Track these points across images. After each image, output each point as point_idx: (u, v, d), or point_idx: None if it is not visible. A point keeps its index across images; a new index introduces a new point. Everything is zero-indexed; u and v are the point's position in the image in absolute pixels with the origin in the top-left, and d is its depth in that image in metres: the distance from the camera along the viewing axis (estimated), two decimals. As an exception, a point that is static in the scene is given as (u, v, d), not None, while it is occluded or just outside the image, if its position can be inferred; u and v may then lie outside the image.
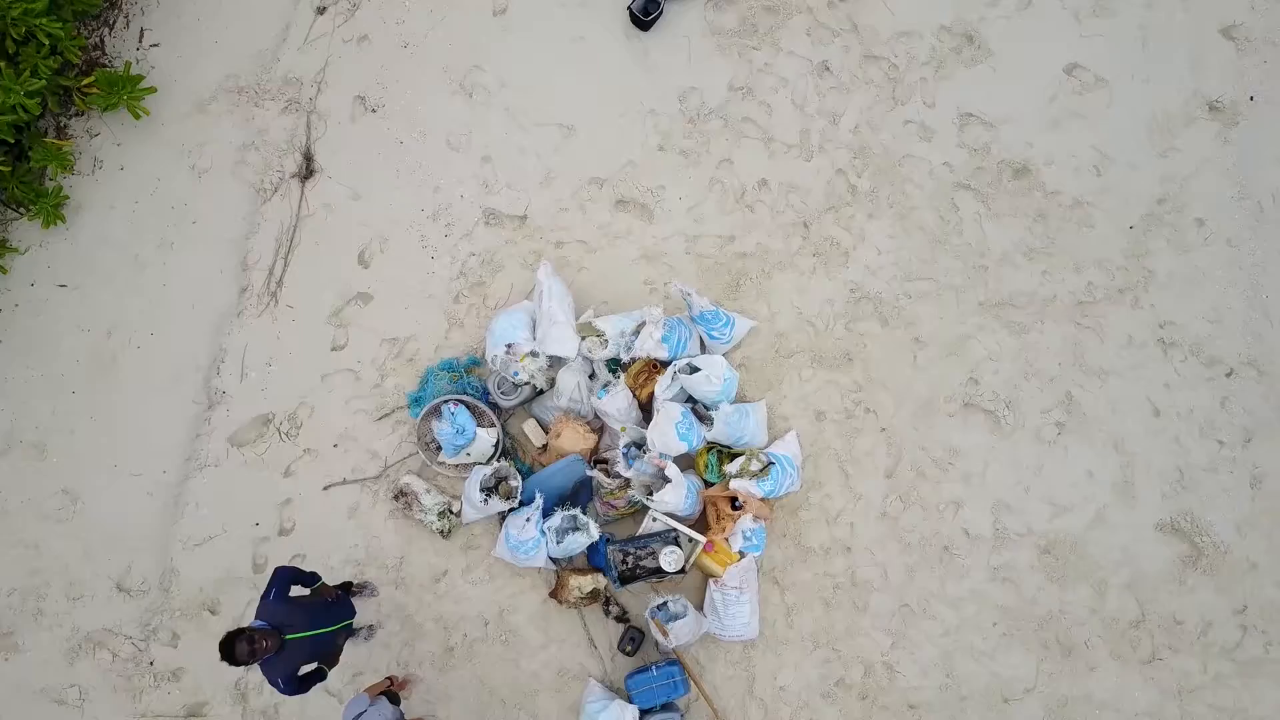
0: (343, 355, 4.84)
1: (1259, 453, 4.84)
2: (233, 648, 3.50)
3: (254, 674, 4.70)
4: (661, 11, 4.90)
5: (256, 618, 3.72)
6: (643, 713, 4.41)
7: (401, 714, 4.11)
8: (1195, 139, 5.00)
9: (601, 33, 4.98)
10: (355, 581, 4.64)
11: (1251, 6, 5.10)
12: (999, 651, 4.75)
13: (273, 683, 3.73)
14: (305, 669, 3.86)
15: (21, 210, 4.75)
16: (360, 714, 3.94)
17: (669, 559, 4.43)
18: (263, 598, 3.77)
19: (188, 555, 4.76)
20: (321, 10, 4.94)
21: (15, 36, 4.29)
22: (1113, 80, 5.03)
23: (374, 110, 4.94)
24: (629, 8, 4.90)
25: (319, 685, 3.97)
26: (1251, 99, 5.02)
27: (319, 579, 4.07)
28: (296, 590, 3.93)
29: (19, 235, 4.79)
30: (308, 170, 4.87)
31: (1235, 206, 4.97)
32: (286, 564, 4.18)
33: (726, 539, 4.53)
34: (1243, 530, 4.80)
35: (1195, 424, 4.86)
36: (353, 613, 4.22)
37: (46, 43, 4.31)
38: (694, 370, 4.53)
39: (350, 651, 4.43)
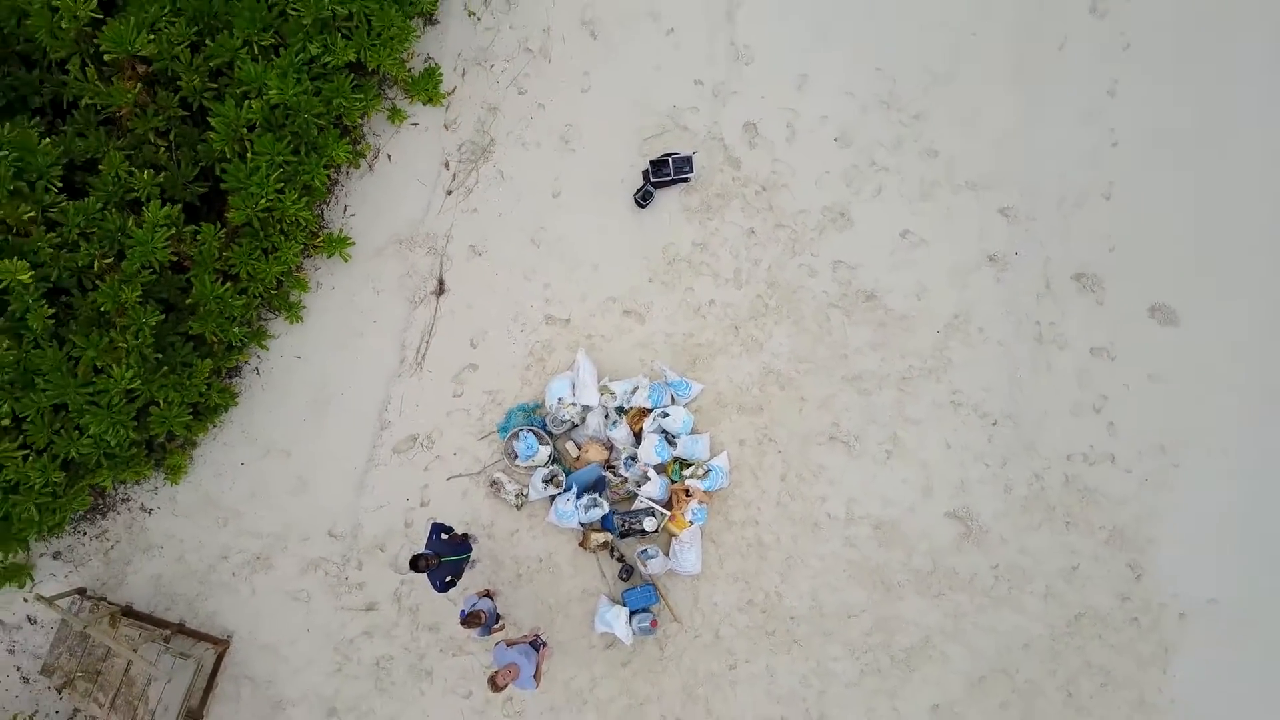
0: (459, 400, 8.16)
1: (1010, 471, 7.99)
2: (417, 563, 6.81)
3: (405, 585, 8.02)
4: (653, 197, 8.15)
5: (426, 547, 7.04)
6: (631, 612, 7.67)
7: (494, 606, 7.40)
8: (980, 278, 8.15)
9: (618, 209, 8.24)
10: (468, 533, 7.95)
11: (1020, 194, 8.22)
12: (846, 587, 7.94)
13: (432, 584, 7.03)
14: (448, 579, 7.17)
15: (276, 313, 8.13)
16: (474, 604, 7.24)
17: (649, 524, 7.70)
18: (428, 538, 7.09)
19: (368, 516, 8.11)
20: (449, 193, 8.26)
21: (279, 219, 7.62)
22: (930, 241, 8.19)
23: (480, 254, 8.25)
24: (634, 196, 8.16)
25: (452, 590, 7.28)
26: (1016, 254, 8.15)
27: (453, 529, 7.39)
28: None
29: (274, 327, 8.18)
30: (440, 289, 8.19)
31: (1003, 320, 8.10)
32: (437, 520, 7.49)
33: (683, 513, 7.77)
34: (997, 519, 7.95)
35: (971, 453, 8.01)
36: (469, 550, 7.54)
37: (304, 225, 7.67)
38: (666, 415, 7.79)
39: (465, 573, 7.72)
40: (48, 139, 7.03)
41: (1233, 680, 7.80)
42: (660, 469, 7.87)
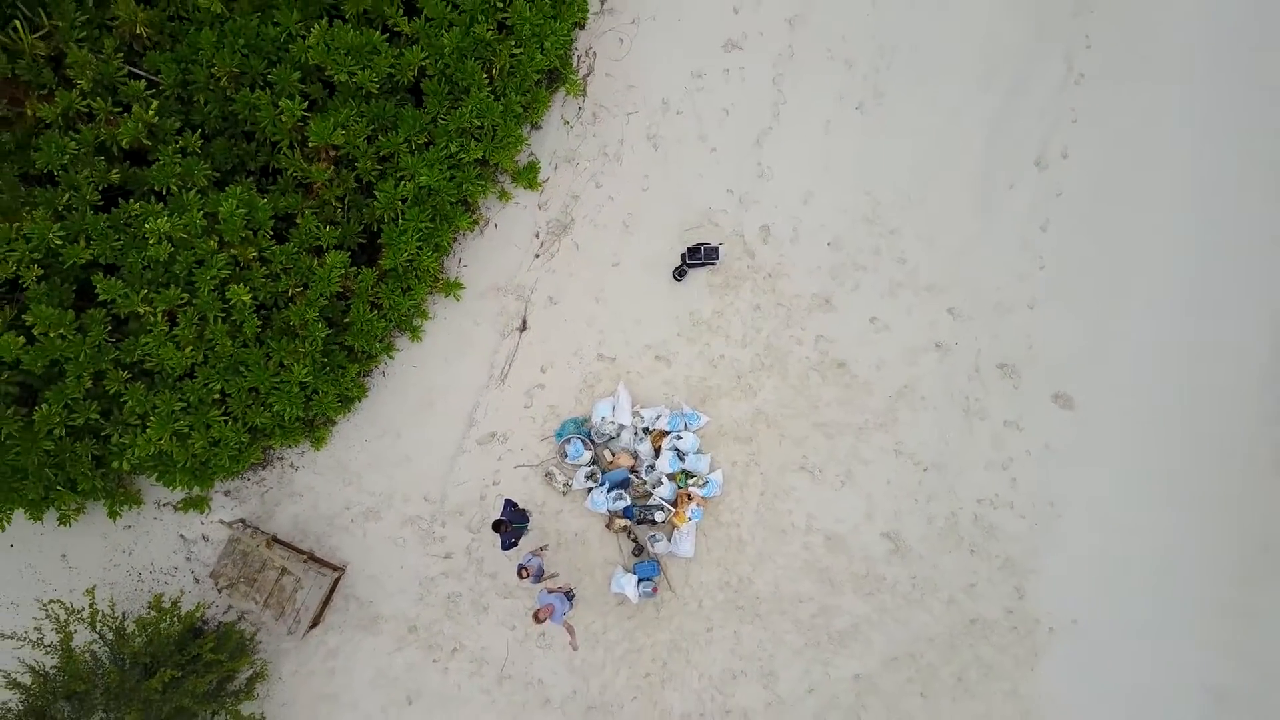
0: (528, 410, 10.99)
1: (933, 507, 10.64)
2: (498, 526, 9.66)
3: (474, 542, 10.86)
4: (687, 275, 10.93)
5: (502, 514, 9.89)
6: (639, 580, 10.45)
7: (542, 562, 10.22)
8: (926, 359, 10.80)
9: (659, 281, 11.01)
10: (526, 509, 10.77)
11: (964, 298, 10.85)
12: (800, 580, 10.65)
13: (502, 542, 9.88)
14: (512, 541, 10.00)
15: (403, 333, 11.04)
16: (529, 559, 10.07)
17: (659, 516, 10.47)
18: (503, 509, 9.94)
19: (453, 489, 10.98)
20: (536, 256, 11.11)
21: (416, 268, 10.49)
22: (892, 328, 10.86)
23: (555, 303, 11.10)
24: (673, 272, 10.94)
25: (513, 549, 10.12)
26: (956, 344, 10.78)
27: (517, 504, 10.23)
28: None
29: (400, 343, 11.10)
30: (523, 327, 11.05)
31: (940, 393, 10.74)
32: (507, 497, 10.33)
33: (685, 511, 10.52)
34: (919, 541, 10.60)
35: (905, 490, 10.67)
36: (527, 520, 10.37)
37: (432, 272, 10.57)
38: (680, 438, 10.56)
39: (523, 538, 10.54)
40: (264, 198, 10.01)
41: (1084, 681, 10.36)
42: (671, 477, 10.64)
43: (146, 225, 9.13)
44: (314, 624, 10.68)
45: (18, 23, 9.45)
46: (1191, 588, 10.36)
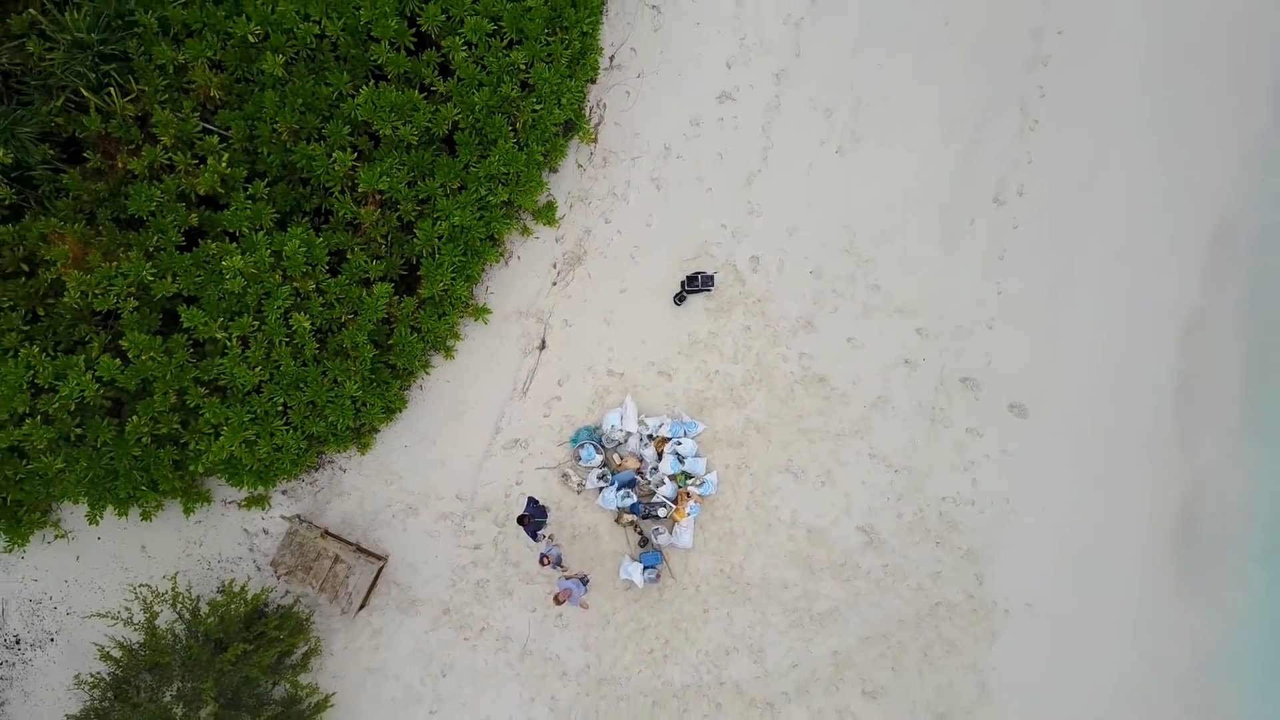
0: (547, 420, 12.53)
1: (903, 504, 12.11)
2: (522, 520, 11.23)
3: (500, 535, 12.41)
4: (686, 300, 12.45)
5: (525, 510, 11.45)
6: (644, 567, 11.97)
7: (560, 552, 11.76)
8: (897, 374, 12.27)
9: (662, 305, 12.54)
10: (545, 505, 12.30)
11: (931, 320, 12.32)
12: (786, 568, 12.14)
13: (528, 534, 11.44)
14: (535, 533, 11.55)
15: (437, 352, 12.60)
16: (549, 549, 11.61)
17: (661, 512, 12.00)
18: (526, 505, 11.49)
19: (482, 488, 12.53)
20: (554, 284, 12.66)
21: (451, 296, 12.05)
22: (867, 346, 12.34)
23: (570, 325, 12.64)
24: (673, 297, 12.46)
25: (538, 536, 11.66)
26: (924, 360, 12.25)
27: (538, 501, 11.77)
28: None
29: (435, 361, 12.66)
30: (542, 346, 12.60)
31: (909, 404, 12.22)
32: (530, 495, 11.88)
33: (684, 508, 12.04)
34: (891, 534, 12.08)
35: (879, 489, 12.15)
36: (547, 515, 11.91)
37: (463, 299, 12.12)
38: (680, 443, 12.08)
39: (542, 530, 12.06)
40: (320, 237, 11.59)
41: (1036, 658, 11.80)
42: (672, 477, 12.15)
43: (224, 263, 10.72)
44: (362, 606, 12.24)
45: (111, 89, 11.08)
46: (1131, 575, 11.79)
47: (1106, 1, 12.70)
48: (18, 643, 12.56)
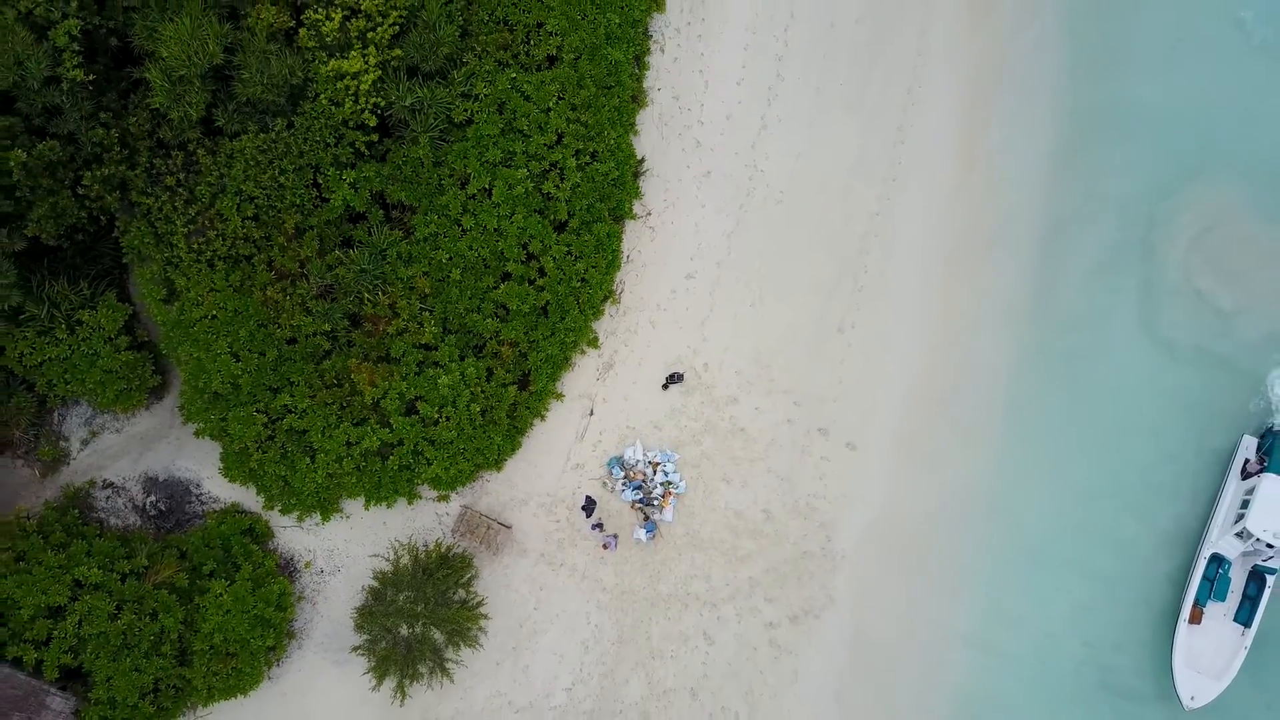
0: (594, 452, 23.41)
1: (786, 497, 22.57)
2: (583, 507, 22.13)
3: (569, 515, 23.28)
4: (669, 386, 23.22)
5: (584, 503, 22.35)
6: (647, 532, 22.68)
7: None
8: (782, 426, 22.76)
9: (655, 390, 23.39)
10: (594, 500, 23.07)
11: (795, 404, 22.79)
12: (722, 533, 22.71)
13: (587, 517, 22.36)
14: (591, 516, 22.40)
15: (538, 419, 23.69)
16: (598, 522, 22.44)
17: (656, 501, 22.76)
18: (585, 500, 22.39)
19: (560, 490, 23.47)
20: (597, 379, 23.63)
21: (545, 390, 23.05)
22: (765, 412, 22.87)
23: (606, 402, 23.57)
24: (661, 386, 23.27)
25: (592, 519, 22.54)
26: (797, 418, 22.72)
27: (591, 497, 22.62)
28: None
29: (535, 424, 23.78)
30: (591, 412, 23.55)
31: (788, 443, 22.71)
32: (588, 494, 22.79)
33: (667, 500, 22.72)
34: (780, 513, 22.55)
35: (773, 488, 22.65)
36: (595, 504, 22.74)
37: (550, 390, 23.17)
38: (665, 464, 22.84)
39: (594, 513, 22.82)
40: (480, 360, 22.87)
41: (860, 580, 22.02)
42: (661, 484, 22.84)
43: (439, 379, 22.09)
44: (498, 552, 23.24)
45: (379, 294, 22.66)
46: (942, 543, 21.99)
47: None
48: (321, 572, 24.00)
